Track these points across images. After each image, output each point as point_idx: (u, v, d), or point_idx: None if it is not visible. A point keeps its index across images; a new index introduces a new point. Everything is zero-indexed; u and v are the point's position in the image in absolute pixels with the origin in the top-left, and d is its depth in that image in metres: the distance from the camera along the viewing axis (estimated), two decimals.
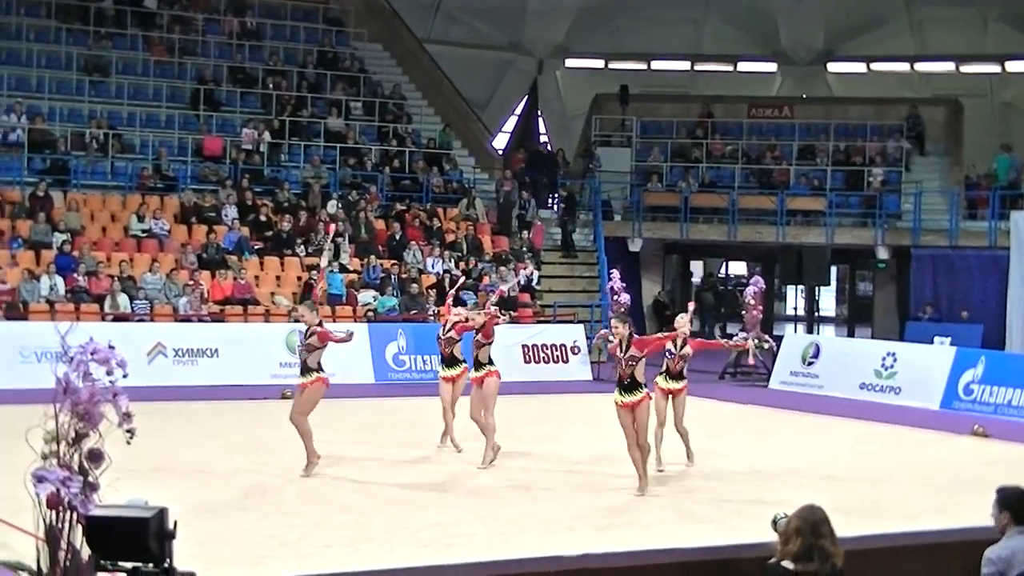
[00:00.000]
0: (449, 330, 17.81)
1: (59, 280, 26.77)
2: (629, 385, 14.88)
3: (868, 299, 40.90)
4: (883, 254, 36.13)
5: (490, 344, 17.51)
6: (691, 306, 18.41)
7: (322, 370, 16.19)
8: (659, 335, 18.24)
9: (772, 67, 49.22)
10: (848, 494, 15.13)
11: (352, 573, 6.76)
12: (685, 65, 49.74)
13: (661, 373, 17.09)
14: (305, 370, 16.17)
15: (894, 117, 40.05)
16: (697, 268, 43.91)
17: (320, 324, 16.35)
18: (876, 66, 48.17)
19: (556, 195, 37.92)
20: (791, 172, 38.35)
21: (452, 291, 20.09)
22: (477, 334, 17.48)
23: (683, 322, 16.91)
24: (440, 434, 18.35)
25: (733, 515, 13.99)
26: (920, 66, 47.60)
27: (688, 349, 16.98)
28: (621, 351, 14.94)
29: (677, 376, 17.10)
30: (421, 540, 12.47)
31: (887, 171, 37.46)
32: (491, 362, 17.47)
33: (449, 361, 17.95)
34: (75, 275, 27.01)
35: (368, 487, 15.38)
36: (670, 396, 17.10)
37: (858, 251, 37.51)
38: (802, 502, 7.52)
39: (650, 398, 15.24)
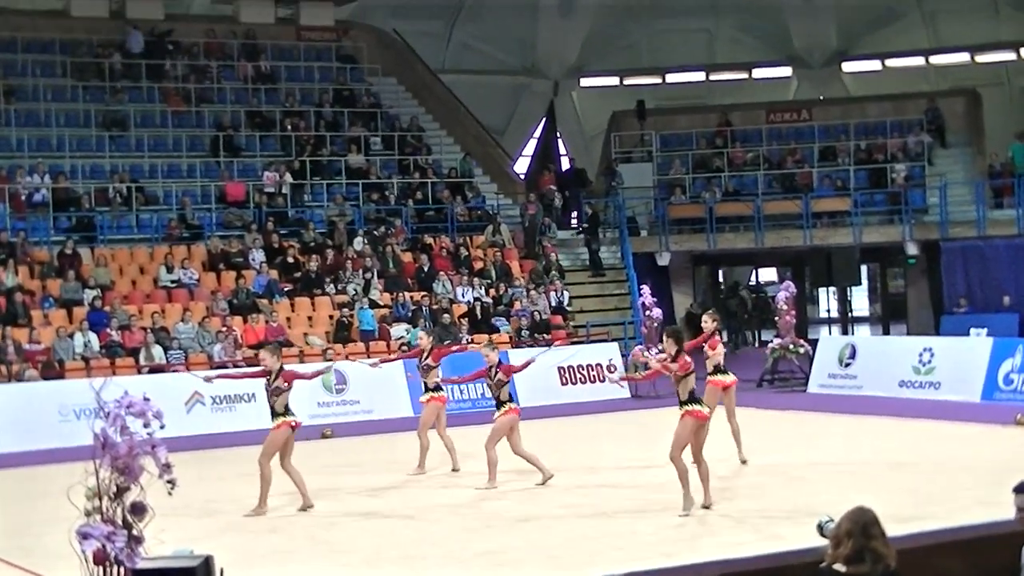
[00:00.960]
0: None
1: (93, 336, 26.87)
2: (687, 399, 14.79)
3: (901, 296, 40.72)
4: (912, 250, 35.97)
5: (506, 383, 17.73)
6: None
7: (290, 413, 16.10)
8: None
9: (787, 71, 49.17)
10: (896, 493, 15.04)
11: None
12: (700, 76, 49.74)
13: None
14: (273, 415, 16.12)
15: (913, 112, 39.91)
16: (725, 278, 43.82)
17: (282, 368, 16.35)
18: (891, 62, 48.06)
19: (581, 214, 37.90)
20: (814, 174, 38.25)
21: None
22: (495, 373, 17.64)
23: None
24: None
25: (780, 521, 13.92)
26: (935, 59, 47.48)
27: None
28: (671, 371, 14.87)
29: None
30: (472, 570, 12.45)
31: (910, 166, 37.32)
32: (511, 399, 17.74)
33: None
34: (108, 330, 27.10)
35: (416, 521, 15.35)
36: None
37: (887, 249, 37.37)
38: (849, 504, 7.46)
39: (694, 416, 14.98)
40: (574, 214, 38.72)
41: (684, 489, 14.73)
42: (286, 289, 30.47)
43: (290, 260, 31.21)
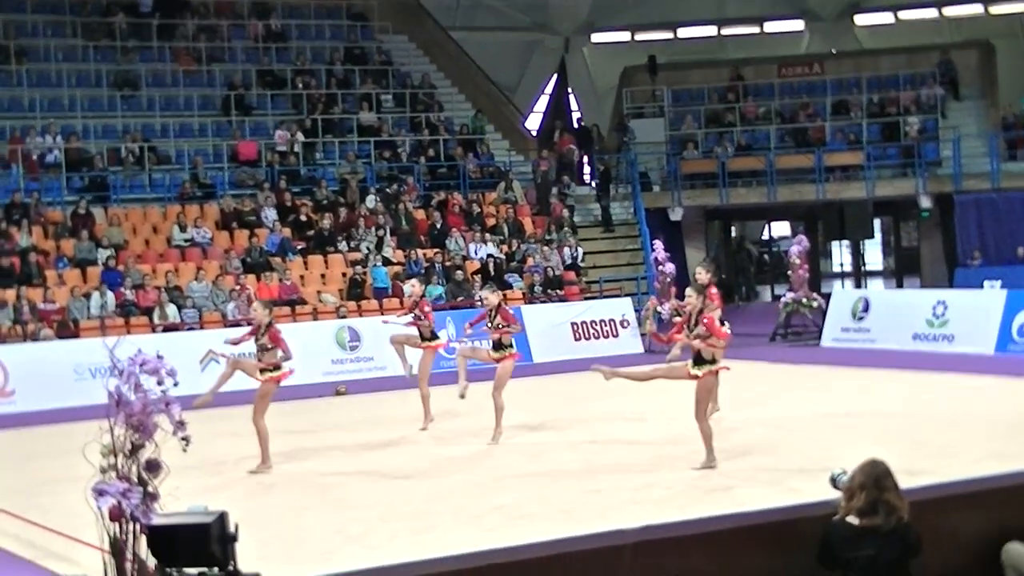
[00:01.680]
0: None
1: (110, 296, 26.93)
2: (697, 359, 14.76)
3: (914, 249, 40.65)
4: (926, 203, 35.89)
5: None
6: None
7: (278, 368, 16.06)
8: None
9: (799, 25, 48.96)
10: (909, 445, 15.06)
11: (420, 561, 6.77)
12: (711, 30, 49.55)
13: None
14: (260, 370, 16.15)
15: (926, 64, 39.72)
16: (738, 233, 43.81)
17: (271, 324, 16.19)
18: (904, 14, 47.82)
19: (593, 171, 37.85)
20: (826, 128, 38.12)
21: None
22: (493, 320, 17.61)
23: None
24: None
25: (794, 475, 13.95)
26: (949, 10, 47.21)
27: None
28: (689, 327, 14.84)
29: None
30: (485, 525, 12.49)
31: (923, 119, 37.19)
32: (512, 344, 17.76)
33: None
34: (122, 289, 27.16)
35: (429, 476, 15.40)
36: None
37: (900, 202, 37.29)
38: (862, 457, 7.48)
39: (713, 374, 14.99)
40: (585, 171, 38.65)
41: (707, 447, 14.75)
42: (299, 247, 30.51)
43: (303, 218, 31.24)
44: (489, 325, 17.64)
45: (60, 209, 30.14)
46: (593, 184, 37.16)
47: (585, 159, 38.31)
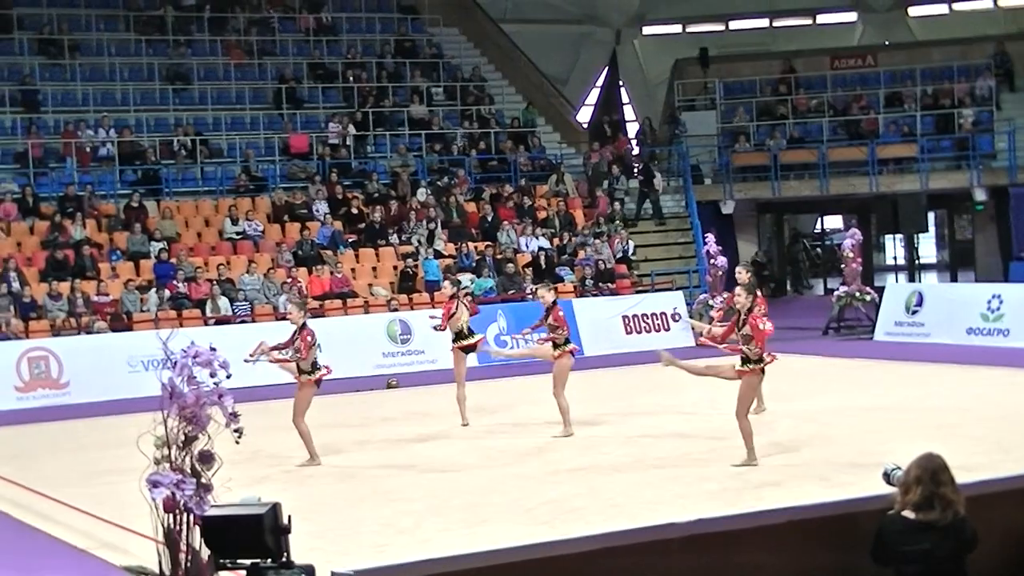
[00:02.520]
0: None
1: (162, 293, 27.08)
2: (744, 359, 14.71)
3: (969, 243, 40.34)
4: (980, 196, 35.59)
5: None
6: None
7: (317, 369, 15.98)
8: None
9: (852, 16, 48.65)
10: (964, 440, 14.95)
11: (470, 554, 6.76)
12: (763, 22, 49.34)
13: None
14: (299, 371, 16.03)
15: (980, 56, 39.38)
16: (790, 226, 43.64)
17: (304, 325, 15.98)
18: (958, 5, 47.45)
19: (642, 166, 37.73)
20: (879, 121, 37.86)
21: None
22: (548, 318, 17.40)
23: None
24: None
25: (846, 469, 13.88)
26: (1003, 0, 46.77)
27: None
28: (738, 326, 14.78)
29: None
30: (537, 518, 12.49)
31: (977, 111, 36.87)
32: (567, 341, 17.44)
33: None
34: (175, 282, 27.31)
35: (479, 469, 15.41)
36: None
37: (955, 195, 36.99)
38: (916, 452, 7.42)
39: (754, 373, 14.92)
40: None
41: (748, 445, 14.67)
42: (350, 240, 30.58)
43: (354, 211, 31.30)
44: (546, 323, 17.54)
45: (113, 202, 30.33)
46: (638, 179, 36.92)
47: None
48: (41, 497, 14.75)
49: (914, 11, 48.01)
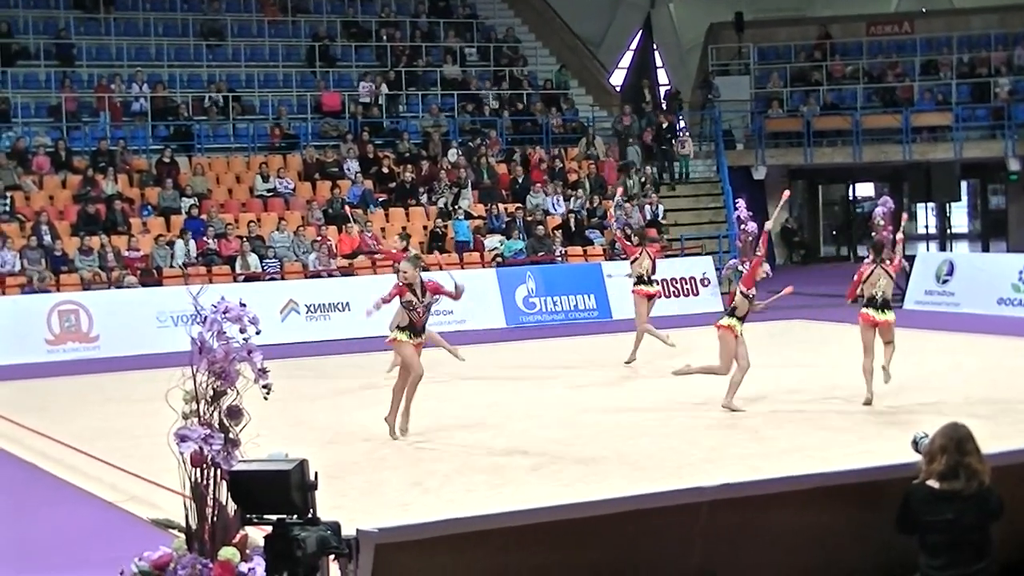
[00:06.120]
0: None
1: (192, 244, 27.17)
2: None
3: (1002, 212, 40.13)
4: (1015, 166, 35.40)
5: None
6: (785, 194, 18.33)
7: (426, 331, 15.14)
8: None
9: None
10: (993, 410, 14.91)
11: (496, 514, 6.79)
12: None
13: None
14: (413, 331, 14.89)
15: (1019, 24, 39.01)
16: (826, 194, 43.41)
17: (423, 280, 14.82)
18: None
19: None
20: (915, 88, 37.64)
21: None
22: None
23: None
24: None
25: (874, 437, 13.87)
26: None
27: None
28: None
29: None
30: (561, 480, 12.51)
31: (1014, 80, 36.59)
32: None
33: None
34: (205, 238, 27.39)
35: (505, 430, 15.42)
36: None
37: (988, 164, 36.79)
38: (943, 421, 7.41)
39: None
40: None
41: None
42: (380, 199, 30.59)
43: (385, 171, 31.30)
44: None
45: (145, 157, 30.40)
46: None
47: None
48: (69, 450, 14.85)
49: None
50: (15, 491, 13.42)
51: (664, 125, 35.70)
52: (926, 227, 43.19)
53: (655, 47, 46.45)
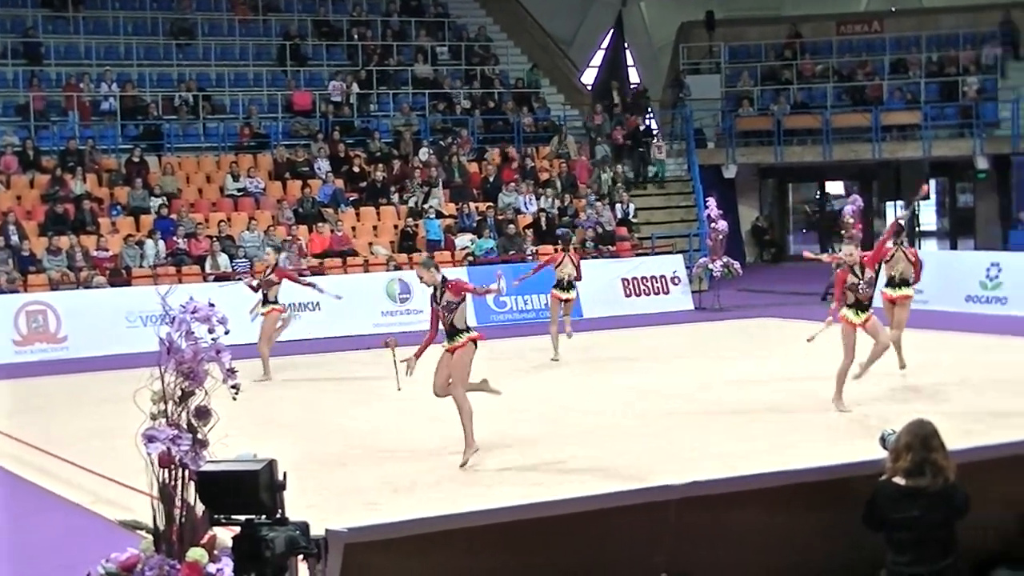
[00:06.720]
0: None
1: (161, 244, 27.08)
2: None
3: (969, 211, 40.26)
4: (983, 164, 35.56)
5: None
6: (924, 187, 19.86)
7: (469, 329, 14.14)
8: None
9: None
10: (961, 407, 14.98)
11: (463, 514, 6.80)
12: None
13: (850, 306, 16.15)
14: (454, 332, 13.98)
15: (987, 24, 39.20)
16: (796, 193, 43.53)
17: (444, 279, 14.00)
18: None
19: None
20: (884, 87, 37.77)
21: None
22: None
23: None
24: None
25: (842, 434, 13.92)
26: None
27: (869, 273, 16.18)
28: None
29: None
30: (532, 480, 12.53)
31: (982, 79, 36.75)
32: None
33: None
34: (175, 238, 27.29)
35: (477, 431, 15.37)
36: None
37: (957, 163, 36.94)
38: (910, 417, 7.44)
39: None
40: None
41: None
42: (351, 199, 30.55)
43: (356, 170, 31.26)
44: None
45: (114, 157, 30.28)
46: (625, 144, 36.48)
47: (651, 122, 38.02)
48: (37, 452, 14.79)
49: None
50: None
51: (641, 128, 35.86)
52: None
53: (626, 46, 46.54)
